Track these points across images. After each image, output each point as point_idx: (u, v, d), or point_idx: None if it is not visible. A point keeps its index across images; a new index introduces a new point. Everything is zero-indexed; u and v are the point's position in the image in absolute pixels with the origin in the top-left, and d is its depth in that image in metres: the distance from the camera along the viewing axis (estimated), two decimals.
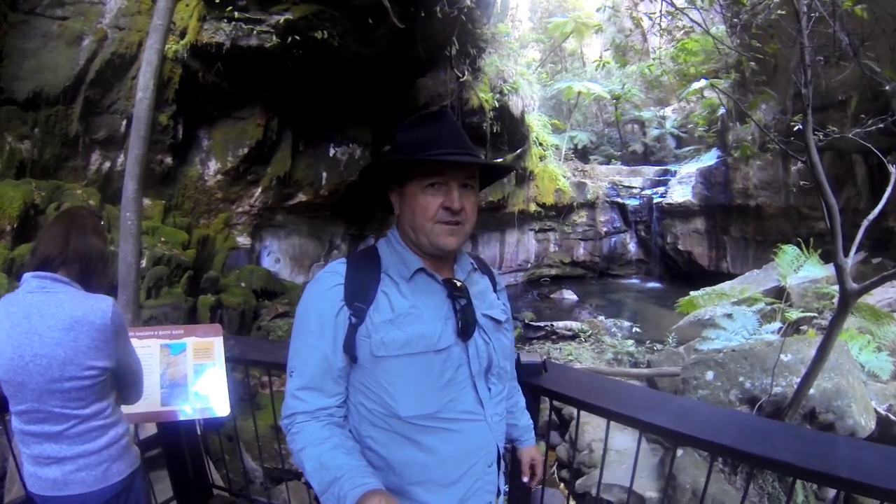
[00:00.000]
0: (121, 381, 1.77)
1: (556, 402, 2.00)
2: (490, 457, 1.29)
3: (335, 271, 1.26)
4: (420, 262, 1.28)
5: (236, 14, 6.26)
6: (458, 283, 1.30)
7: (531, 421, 1.65)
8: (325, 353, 1.22)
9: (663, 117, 17.64)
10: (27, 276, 1.62)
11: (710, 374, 4.98)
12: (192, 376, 2.25)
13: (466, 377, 1.26)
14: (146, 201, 6.81)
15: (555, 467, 5.57)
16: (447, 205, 1.21)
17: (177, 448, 2.39)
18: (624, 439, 4.95)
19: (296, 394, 1.24)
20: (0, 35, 5.80)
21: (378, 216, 10.50)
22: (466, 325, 1.26)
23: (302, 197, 9.01)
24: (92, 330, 1.60)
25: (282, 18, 6.39)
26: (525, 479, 1.60)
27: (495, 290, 1.45)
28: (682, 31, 6.15)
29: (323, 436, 1.19)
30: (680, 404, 1.71)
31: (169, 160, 7.29)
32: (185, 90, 6.92)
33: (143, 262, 5.95)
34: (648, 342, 9.03)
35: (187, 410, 2.22)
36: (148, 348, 2.30)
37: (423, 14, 6.71)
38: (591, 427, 5.18)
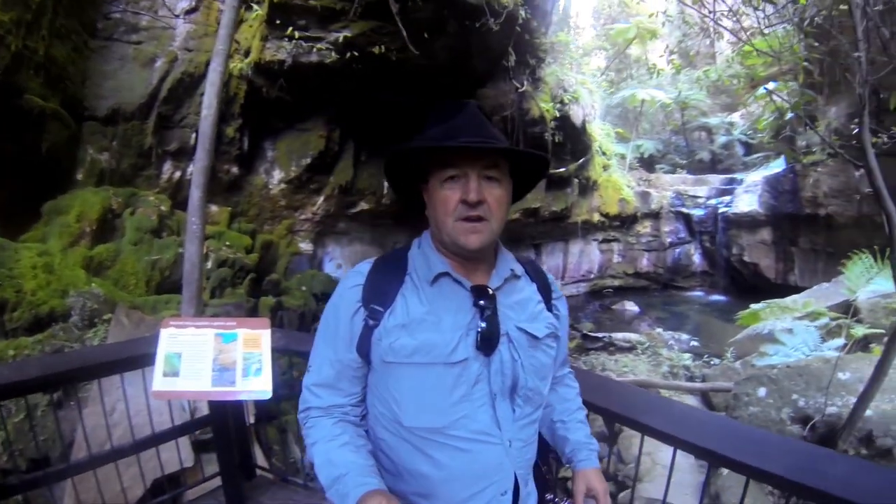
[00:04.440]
0: None
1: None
2: (504, 484, 1.19)
3: (359, 271, 1.24)
4: (445, 266, 1.20)
5: (297, 33, 6.61)
6: (490, 291, 1.20)
7: (591, 438, 1.41)
8: (339, 353, 1.22)
9: (731, 123, 16.98)
10: None
11: (762, 391, 4.83)
12: (240, 363, 2.45)
13: (484, 395, 1.17)
14: (213, 207, 7.27)
15: None
16: (464, 197, 1.12)
17: (224, 428, 2.61)
18: (670, 454, 4.84)
19: (311, 388, 1.25)
20: (82, 60, 6.38)
21: None
22: (488, 339, 1.16)
23: (364, 205, 9.29)
24: None
25: (340, 36, 6.68)
26: None
27: (550, 301, 1.33)
28: (749, 33, 5.98)
29: (334, 433, 1.19)
30: (680, 409, 1.74)
31: (235, 169, 7.76)
32: (250, 104, 7.33)
33: (209, 264, 6.35)
34: (706, 356, 8.75)
35: (234, 391, 2.42)
36: (203, 336, 2.55)
37: (478, 26, 6.85)
38: (638, 440, 5.10)
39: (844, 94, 8.44)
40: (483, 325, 1.15)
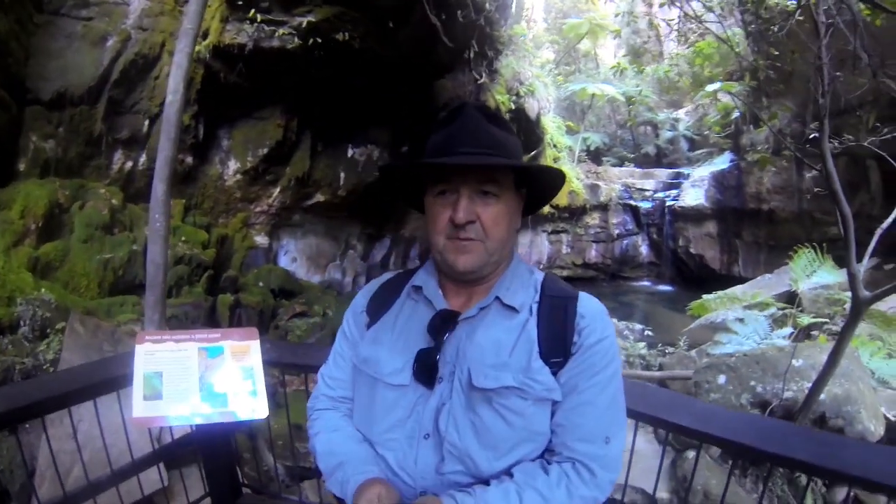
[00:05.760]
0: None
1: None
2: None
3: (379, 279, 1.28)
4: (423, 281, 1.18)
5: (259, 16, 6.34)
6: (457, 317, 1.09)
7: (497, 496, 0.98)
8: (347, 352, 1.25)
9: (677, 120, 17.56)
10: None
11: (721, 378, 5.04)
12: (229, 379, 2.28)
13: (416, 428, 1.08)
14: None
15: None
16: (452, 217, 1.03)
17: (210, 447, 2.47)
18: (638, 440, 4.99)
19: (326, 378, 1.28)
20: (26, 36, 5.85)
21: (395, 217, 10.52)
22: (424, 370, 1.07)
23: (320, 197, 9.09)
24: None
25: (304, 20, 6.45)
26: None
27: (565, 351, 1.07)
28: (697, 34, 6.18)
29: (337, 425, 1.21)
30: (702, 407, 1.79)
31: (190, 160, 7.42)
32: (206, 90, 7.01)
33: None
34: (660, 345, 9.02)
35: (224, 412, 2.27)
36: (185, 351, 2.32)
37: (444, 17, 6.76)
38: None
39: (790, 95, 8.86)
40: (423, 354, 1.07)
